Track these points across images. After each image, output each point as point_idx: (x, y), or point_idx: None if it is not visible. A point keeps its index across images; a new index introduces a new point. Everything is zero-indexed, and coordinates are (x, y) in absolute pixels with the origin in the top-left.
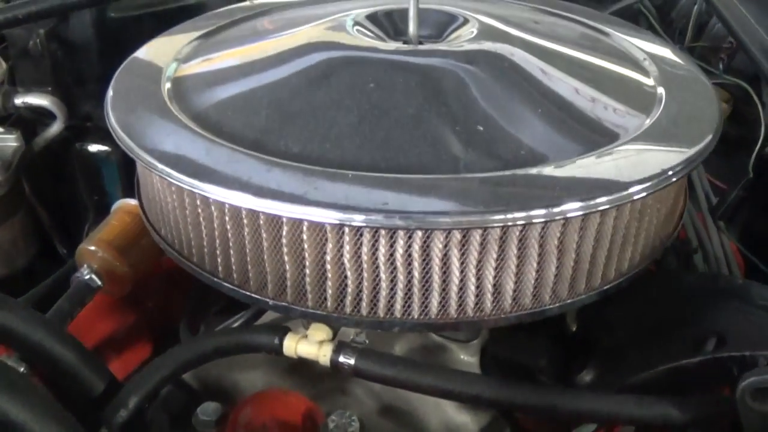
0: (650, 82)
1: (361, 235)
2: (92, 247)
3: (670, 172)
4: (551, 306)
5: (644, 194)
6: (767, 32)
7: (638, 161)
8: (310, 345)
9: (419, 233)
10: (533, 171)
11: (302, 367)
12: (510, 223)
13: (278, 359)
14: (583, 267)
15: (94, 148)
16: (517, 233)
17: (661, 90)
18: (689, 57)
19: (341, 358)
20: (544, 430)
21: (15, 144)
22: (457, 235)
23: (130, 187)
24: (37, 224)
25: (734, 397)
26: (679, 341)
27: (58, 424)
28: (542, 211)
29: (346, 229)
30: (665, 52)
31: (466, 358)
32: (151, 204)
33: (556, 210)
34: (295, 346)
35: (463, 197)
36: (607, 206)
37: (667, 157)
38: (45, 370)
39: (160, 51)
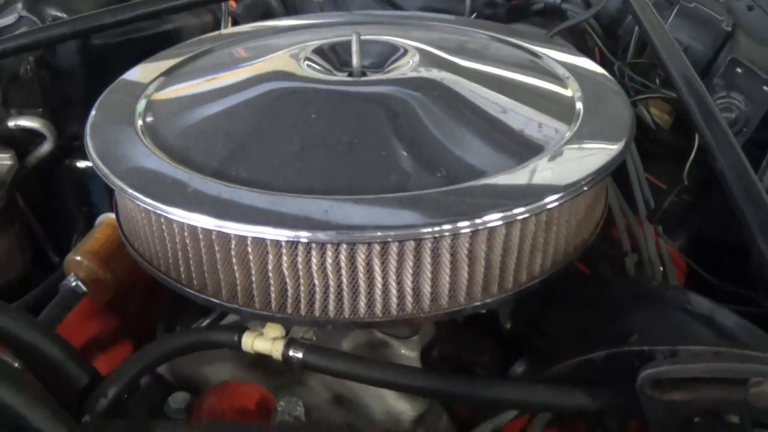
0: (571, 97)
1: (296, 248)
2: (78, 258)
3: (585, 184)
4: (466, 306)
5: (530, 214)
6: (704, 48)
7: (545, 177)
8: (264, 341)
9: (344, 246)
10: (443, 191)
11: (264, 362)
12: (421, 237)
13: (243, 356)
14: (494, 273)
15: (82, 164)
16: (429, 245)
17: (579, 105)
18: (607, 73)
19: (291, 353)
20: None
21: (9, 163)
22: (377, 247)
23: None
24: (31, 236)
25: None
26: (595, 340)
27: (45, 409)
28: (447, 227)
29: (283, 243)
30: (588, 67)
31: (407, 352)
32: (126, 221)
33: (458, 225)
34: (251, 342)
35: (380, 215)
36: (499, 223)
37: (571, 172)
38: (36, 366)
39: (133, 85)
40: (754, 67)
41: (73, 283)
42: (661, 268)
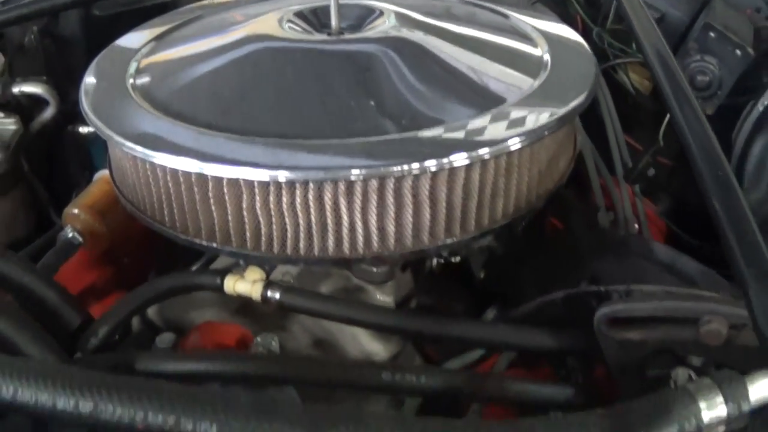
0: (539, 57)
1: (267, 187)
2: (75, 211)
3: (543, 130)
4: (430, 246)
5: (490, 156)
6: (682, 15)
7: (505, 123)
8: (245, 283)
9: (311, 185)
10: (405, 135)
11: (248, 309)
12: (383, 175)
13: (228, 302)
14: (455, 215)
15: (84, 129)
16: (391, 185)
17: (545, 63)
18: (577, 34)
19: (269, 293)
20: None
21: (14, 127)
22: (342, 186)
23: None
24: (35, 199)
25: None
26: (559, 285)
27: (38, 341)
28: (407, 167)
29: (255, 183)
30: (559, 30)
31: (382, 297)
32: (117, 171)
33: (417, 165)
34: (233, 284)
35: (345, 156)
36: (458, 164)
37: (531, 119)
38: (33, 308)
39: (126, 49)
40: (727, 31)
41: (70, 234)
42: (636, 226)
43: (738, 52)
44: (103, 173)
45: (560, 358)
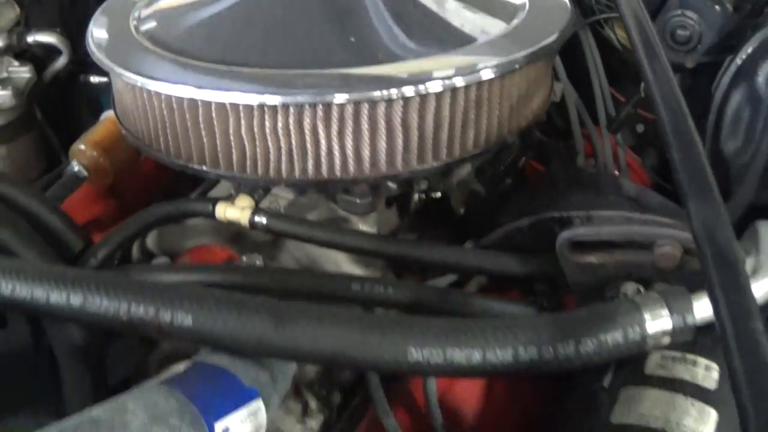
0: (517, 3)
1: (252, 111)
2: (81, 146)
3: (513, 63)
4: (403, 172)
5: (460, 84)
6: None
7: (475, 57)
8: (234, 210)
9: (291, 109)
10: (380, 67)
11: (240, 238)
12: (358, 101)
13: (222, 231)
14: (427, 143)
15: (95, 79)
16: (366, 111)
17: (522, 10)
18: None
19: (256, 219)
20: None
21: (28, 75)
22: (320, 111)
23: None
24: (47, 144)
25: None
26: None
27: (42, 255)
28: (380, 93)
29: (241, 107)
30: None
31: (365, 228)
32: (119, 105)
33: (389, 92)
34: (224, 210)
35: (322, 83)
36: (429, 91)
37: (499, 54)
38: (39, 232)
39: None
40: None
41: (76, 168)
42: (617, 173)
43: (717, 7)
44: (108, 113)
45: (528, 283)
